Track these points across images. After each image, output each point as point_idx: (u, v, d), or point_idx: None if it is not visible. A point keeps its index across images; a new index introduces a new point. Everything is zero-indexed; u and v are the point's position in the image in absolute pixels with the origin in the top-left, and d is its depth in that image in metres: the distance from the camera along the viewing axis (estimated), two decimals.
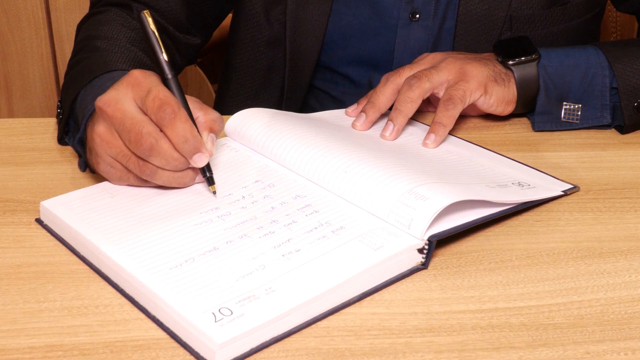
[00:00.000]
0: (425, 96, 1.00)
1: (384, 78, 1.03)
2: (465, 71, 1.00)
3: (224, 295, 0.70)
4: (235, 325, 0.67)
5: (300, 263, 0.74)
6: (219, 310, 0.68)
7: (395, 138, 0.99)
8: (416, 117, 1.06)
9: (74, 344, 0.68)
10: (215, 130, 0.86)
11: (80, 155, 0.93)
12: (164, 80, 0.86)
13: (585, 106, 1.04)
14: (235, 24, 1.28)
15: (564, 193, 0.89)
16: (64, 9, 2.03)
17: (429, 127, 1.00)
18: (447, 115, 0.98)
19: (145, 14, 0.86)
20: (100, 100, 0.84)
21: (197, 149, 0.83)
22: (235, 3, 1.26)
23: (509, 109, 1.05)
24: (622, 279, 0.77)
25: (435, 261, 0.79)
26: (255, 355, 0.67)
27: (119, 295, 0.74)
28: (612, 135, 1.04)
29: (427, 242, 0.77)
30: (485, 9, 1.15)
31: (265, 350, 0.68)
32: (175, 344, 0.68)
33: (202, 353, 0.66)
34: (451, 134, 1.02)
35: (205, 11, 1.23)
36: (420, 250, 0.77)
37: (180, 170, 0.85)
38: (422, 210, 0.78)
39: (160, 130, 0.82)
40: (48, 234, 0.83)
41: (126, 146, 0.83)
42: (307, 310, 0.70)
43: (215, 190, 0.85)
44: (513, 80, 1.03)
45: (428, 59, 1.05)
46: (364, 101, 1.05)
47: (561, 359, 0.67)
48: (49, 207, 0.83)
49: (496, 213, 0.83)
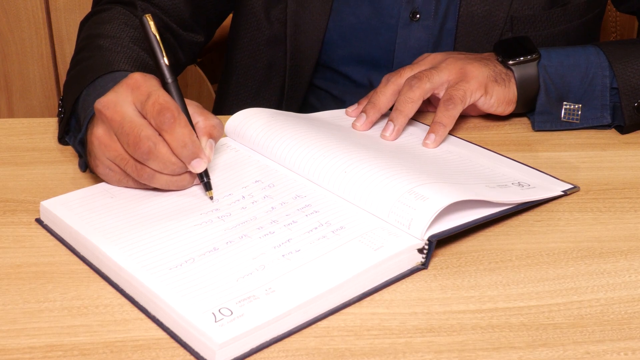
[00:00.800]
0: (425, 96, 1.00)
1: (384, 79, 1.03)
2: (465, 71, 1.01)
3: (224, 296, 0.70)
4: (235, 326, 0.67)
5: (300, 263, 0.74)
6: (219, 310, 0.68)
7: (396, 138, 0.99)
8: (416, 117, 1.06)
9: (74, 344, 0.68)
10: (214, 136, 0.86)
11: (80, 156, 0.93)
12: (164, 84, 0.86)
13: (585, 106, 1.04)
14: (235, 23, 1.28)
15: (564, 193, 0.89)
16: (64, 9, 2.03)
17: (429, 127, 1.00)
18: (447, 115, 0.98)
19: (147, 18, 0.86)
20: (100, 103, 0.84)
21: (196, 154, 0.83)
22: (235, 2, 1.26)
23: (510, 109, 1.05)
24: (622, 279, 0.77)
25: (435, 261, 0.79)
26: (255, 355, 0.67)
27: (119, 295, 0.74)
28: (612, 135, 1.04)
29: (427, 242, 0.77)
30: (486, 9, 1.15)
31: (265, 350, 0.68)
32: (175, 344, 0.68)
33: (202, 353, 0.66)
34: (451, 133, 1.02)
35: (208, 8, 1.23)
36: (420, 250, 0.77)
37: (178, 174, 0.84)
38: (422, 210, 0.78)
39: (159, 135, 0.82)
40: (48, 234, 0.83)
41: (124, 149, 0.83)
42: (307, 311, 0.70)
43: (212, 196, 0.85)
44: (513, 80, 1.03)
45: (428, 60, 1.05)
46: (364, 101, 1.05)
47: (561, 359, 0.67)
48: (49, 207, 0.83)
49: (496, 213, 0.83)
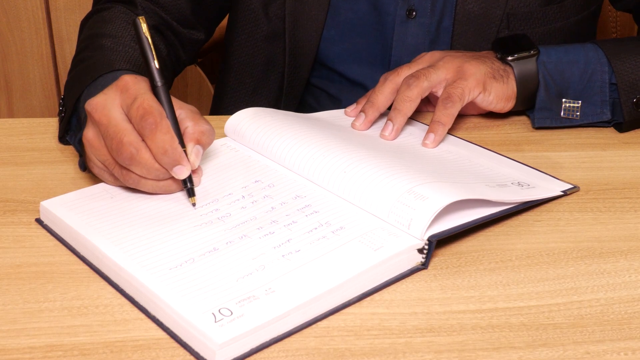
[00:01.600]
0: (423, 95, 1.00)
1: (382, 78, 1.03)
2: (463, 69, 1.01)
3: (224, 296, 0.70)
4: (235, 326, 0.67)
5: (300, 263, 0.74)
6: (219, 310, 0.68)
7: (395, 137, 0.99)
8: (416, 117, 1.06)
9: (74, 344, 0.68)
10: (202, 142, 0.85)
11: (80, 155, 0.93)
12: (154, 87, 0.85)
13: (585, 102, 1.04)
14: (232, 20, 1.28)
15: (563, 193, 0.89)
16: (64, 9, 2.03)
17: (428, 127, 1.00)
18: (446, 114, 0.98)
19: (140, 20, 0.85)
20: (89, 104, 0.84)
21: (177, 161, 0.82)
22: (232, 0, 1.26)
23: (509, 106, 1.05)
24: (622, 279, 0.77)
25: (435, 261, 0.79)
26: (255, 355, 0.67)
27: (119, 295, 0.74)
28: (612, 135, 1.04)
29: (427, 242, 0.77)
30: (483, 7, 1.15)
31: (265, 351, 0.68)
32: (175, 344, 0.68)
33: (202, 353, 0.66)
34: (451, 133, 1.02)
35: (209, 5, 1.23)
36: (420, 250, 0.77)
37: (163, 180, 0.84)
38: (422, 210, 0.78)
39: (142, 140, 0.81)
40: (48, 234, 0.83)
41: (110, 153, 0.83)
42: (307, 311, 0.70)
43: (194, 203, 0.84)
44: (512, 76, 1.03)
45: (426, 58, 1.05)
46: (363, 101, 1.05)
47: (561, 359, 0.67)
48: (49, 207, 0.83)
49: (496, 213, 0.83)
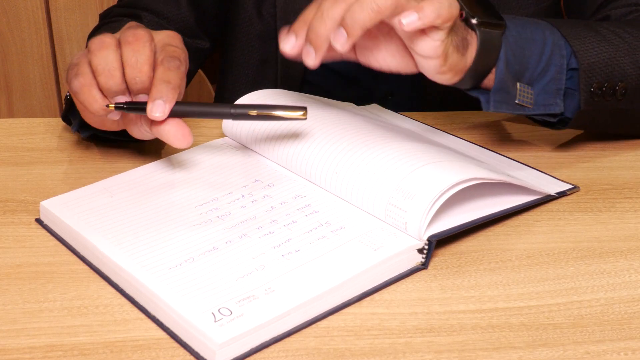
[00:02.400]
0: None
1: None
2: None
3: (224, 295, 0.70)
4: (234, 325, 0.67)
5: (300, 263, 0.74)
6: (219, 310, 0.68)
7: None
8: (415, 117, 1.06)
9: (74, 344, 0.68)
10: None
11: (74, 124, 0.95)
12: None
13: (539, 89, 0.91)
14: (228, 21, 1.28)
15: (563, 193, 0.89)
16: (64, 9, 2.02)
17: (425, 126, 0.99)
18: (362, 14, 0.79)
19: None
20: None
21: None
22: (231, 2, 1.26)
23: (454, 80, 0.87)
24: (622, 279, 0.77)
25: (435, 261, 0.79)
26: (255, 355, 0.67)
27: (119, 295, 0.74)
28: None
29: (427, 242, 0.77)
30: None
31: (265, 350, 0.68)
32: (175, 344, 0.68)
33: (202, 353, 0.66)
34: (451, 133, 1.02)
35: (212, 13, 1.23)
36: (420, 251, 0.77)
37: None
38: (413, 213, 0.77)
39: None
40: (48, 234, 0.83)
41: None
42: (307, 310, 0.70)
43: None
44: (473, 47, 0.87)
45: None
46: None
47: (561, 359, 0.67)
48: (48, 207, 0.83)
49: (496, 213, 0.83)
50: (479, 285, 0.76)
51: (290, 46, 0.83)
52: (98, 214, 0.82)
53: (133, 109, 0.81)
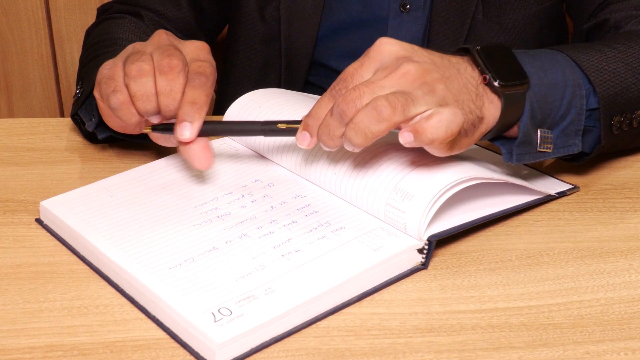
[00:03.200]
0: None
1: (344, 76, 0.80)
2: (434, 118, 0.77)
3: (224, 295, 0.70)
4: (234, 325, 0.67)
5: (300, 263, 0.74)
6: (219, 310, 0.68)
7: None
8: None
9: (74, 344, 0.68)
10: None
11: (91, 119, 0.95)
12: None
13: (557, 132, 0.86)
14: (231, 23, 1.29)
15: (563, 193, 0.89)
16: (64, 9, 2.02)
17: None
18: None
19: None
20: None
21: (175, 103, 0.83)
22: (231, 2, 1.26)
23: (469, 147, 0.82)
24: (622, 279, 0.77)
25: (435, 261, 0.79)
26: (255, 355, 0.67)
27: (119, 295, 0.74)
28: None
29: (427, 242, 0.77)
30: None
31: (265, 350, 0.68)
32: (175, 344, 0.68)
33: (202, 353, 0.66)
34: None
35: (212, 13, 1.23)
36: (420, 251, 0.77)
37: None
38: (412, 214, 0.77)
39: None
40: (48, 234, 0.83)
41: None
42: (307, 310, 0.70)
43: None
44: (487, 120, 0.80)
45: (375, 58, 0.80)
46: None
47: (561, 359, 0.67)
48: (48, 207, 0.83)
49: (496, 213, 0.83)
50: (479, 285, 0.76)
51: (306, 144, 0.80)
52: (98, 214, 0.82)
53: (166, 129, 0.85)
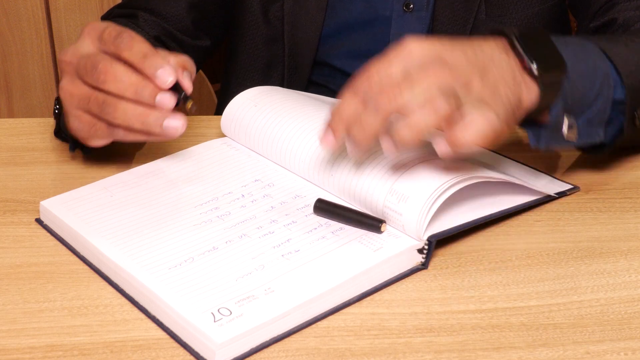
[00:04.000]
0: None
1: (369, 73, 0.79)
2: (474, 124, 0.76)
3: (223, 295, 0.70)
4: (234, 325, 0.67)
5: (300, 263, 0.74)
6: (218, 310, 0.68)
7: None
8: None
9: (74, 344, 0.68)
10: (188, 68, 0.84)
11: (69, 141, 0.93)
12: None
13: (583, 121, 0.85)
14: (234, 23, 1.28)
15: (563, 193, 0.89)
16: (64, 9, 2.03)
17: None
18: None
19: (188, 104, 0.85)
20: (61, 54, 0.84)
21: (159, 63, 0.79)
22: (234, 2, 1.26)
23: (498, 143, 0.82)
24: (622, 279, 0.77)
25: (435, 261, 0.79)
26: (255, 355, 0.67)
27: (119, 295, 0.74)
28: None
29: (427, 243, 0.77)
30: None
31: (265, 350, 0.68)
32: (175, 344, 0.68)
33: (202, 353, 0.66)
34: None
35: (211, 14, 1.23)
36: (420, 251, 0.77)
37: (144, 104, 0.80)
38: (408, 216, 0.77)
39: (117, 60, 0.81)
40: (48, 234, 0.83)
41: (87, 86, 0.82)
42: (307, 310, 0.70)
43: (190, 106, 0.83)
44: (529, 100, 0.79)
45: (403, 57, 0.77)
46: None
47: (561, 359, 0.67)
48: (48, 207, 0.83)
49: (496, 213, 0.83)
50: (479, 285, 0.76)
51: (330, 145, 0.78)
52: (98, 214, 0.82)
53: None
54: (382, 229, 0.78)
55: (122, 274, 0.74)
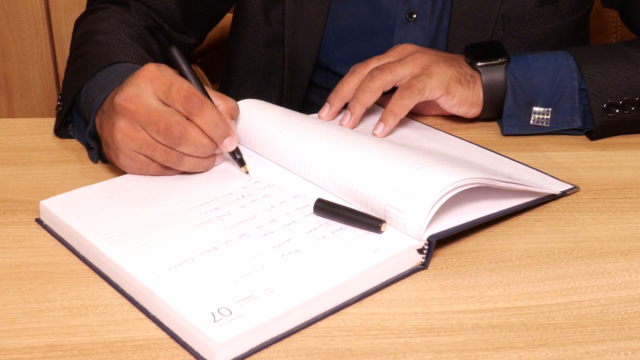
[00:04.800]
0: (386, 88, 1.01)
1: (351, 69, 1.05)
2: (430, 69, 1.01)
3: (223, 296, 0.70)
4: (234, 326, 0.67)
5: (300, 263, 0.74)
6: (218, 310, 0.68)
7: (353, 126, 1.00)
8: (414, 117, 1.06)
9: (74, 344, 0.68)
10: (235, 117, 0.91)
11: (91, 148, 0.95)
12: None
13: (555, 110, 1.03)
14: (234, 24, 1.28)
15: (563, 193, 0.89)
16: (64, 9, 2.03)
17: (422, 125, 0.99)
18: (401, 104, 0.99)
19: (173, 50, 0.92)
20: (121, 97, 0.86)
21: (227, 132, 0.87)
22: (235, 3, 1.26)
23: (474, 111, 1.04)
24: (622, 279, 0.77)
25: (435, 261, 0.79)
26: (255, 355, 0.67)
27: (119, 295, 0.74)
28: None
29: (427, 243, 0.77)
30: (478, 7, 1.14)
31: (265, 350, 0.68)
32: (175, 344, 0.68)
33: (202, 353, 0.66)
34: (451, 134, 1.02)
35: (199, 12, 1.23)
36: (420, 251, 0.77)
37: (206, 157, 0.89)
38: (412, 214, 0.77)
39: (187, 120, 0.85)
40: (48, 234, 0.83)
41: (152, 137, 0.85)
42: (307, 311, 0.70)
43: (247, 170, 0.89)
44: (479, 83, 1.03)
45: (397, 51, 1.06)
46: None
47: (561, 359, 0.67)
48: (48, 207, 0.83)
49: (496, 213, 0.83)
50: (479, 285, 0.76)
51: (324, 113, 1.03)
52: (98, 214, 0.82)
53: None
54: (382, 229, 0.78)
55: (122, 274, 0.74)
